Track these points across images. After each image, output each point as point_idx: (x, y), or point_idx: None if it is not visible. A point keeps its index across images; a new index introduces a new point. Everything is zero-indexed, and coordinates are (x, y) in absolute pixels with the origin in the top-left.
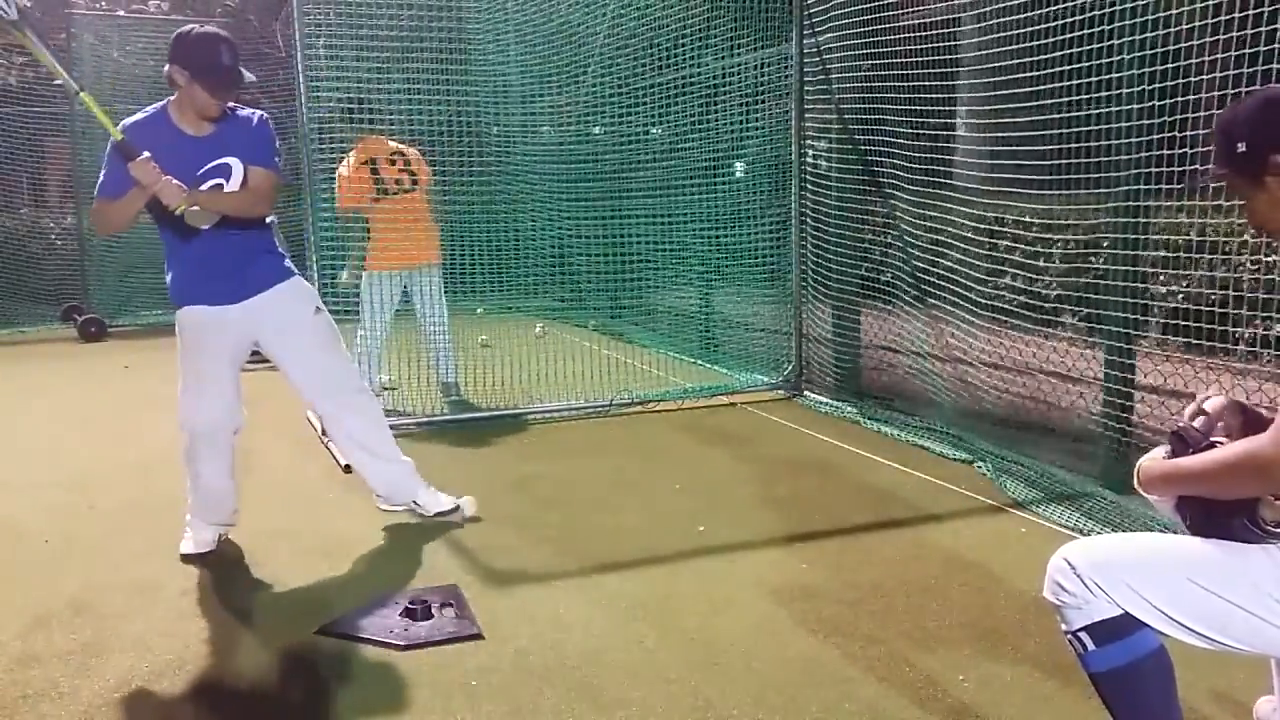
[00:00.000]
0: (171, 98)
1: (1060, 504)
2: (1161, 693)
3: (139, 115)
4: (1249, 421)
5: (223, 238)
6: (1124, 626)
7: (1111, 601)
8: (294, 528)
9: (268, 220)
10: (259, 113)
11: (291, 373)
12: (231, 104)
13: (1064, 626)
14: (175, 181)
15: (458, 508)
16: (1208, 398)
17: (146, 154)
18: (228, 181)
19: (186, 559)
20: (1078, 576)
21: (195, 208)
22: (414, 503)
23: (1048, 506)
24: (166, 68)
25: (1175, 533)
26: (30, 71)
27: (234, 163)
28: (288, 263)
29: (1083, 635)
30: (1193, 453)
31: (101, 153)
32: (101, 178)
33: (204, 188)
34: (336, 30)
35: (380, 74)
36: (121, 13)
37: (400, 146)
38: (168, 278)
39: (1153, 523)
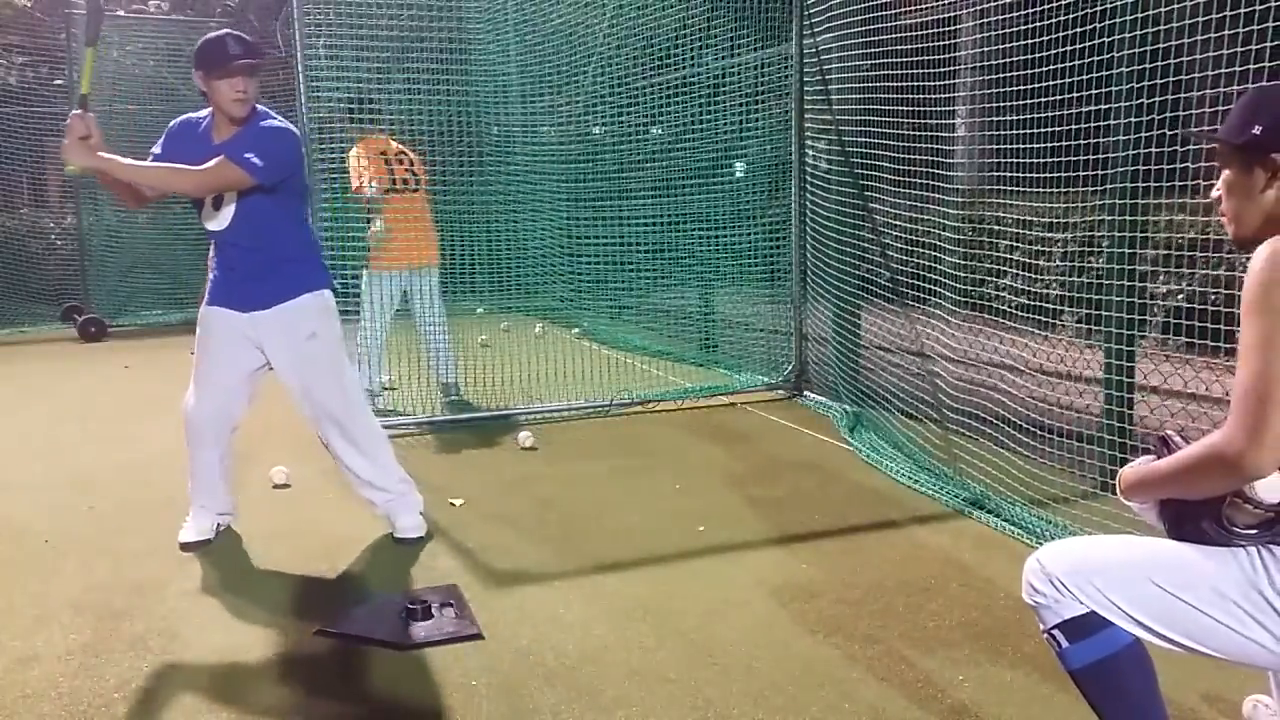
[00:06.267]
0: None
1: (1059, 505)
2: (1140, 685)
3: (194, 114)
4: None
5: (238, 247)
6: (1094, 623)
7: (1077, 600)
8: (294, 528)
9: (307, 237)
10: (278, 123)
11: (292, 396)
12: (268, 113)
13: (1040, 625)
14: (74, 141)
15: (422, 539)
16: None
17: (78, 111)
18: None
19: (185, 547)
20: (1046, 576)
21: (71, 166)
22: (388, 518)
23: (1046, 507)
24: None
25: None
26: (30, 71)
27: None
28: (312, 275)
29: (1056, 633)
30: None
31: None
32: None
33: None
34: (336, 30)
35: (380, 74)
36: (121, 13)
37: (402, 147)
38: None
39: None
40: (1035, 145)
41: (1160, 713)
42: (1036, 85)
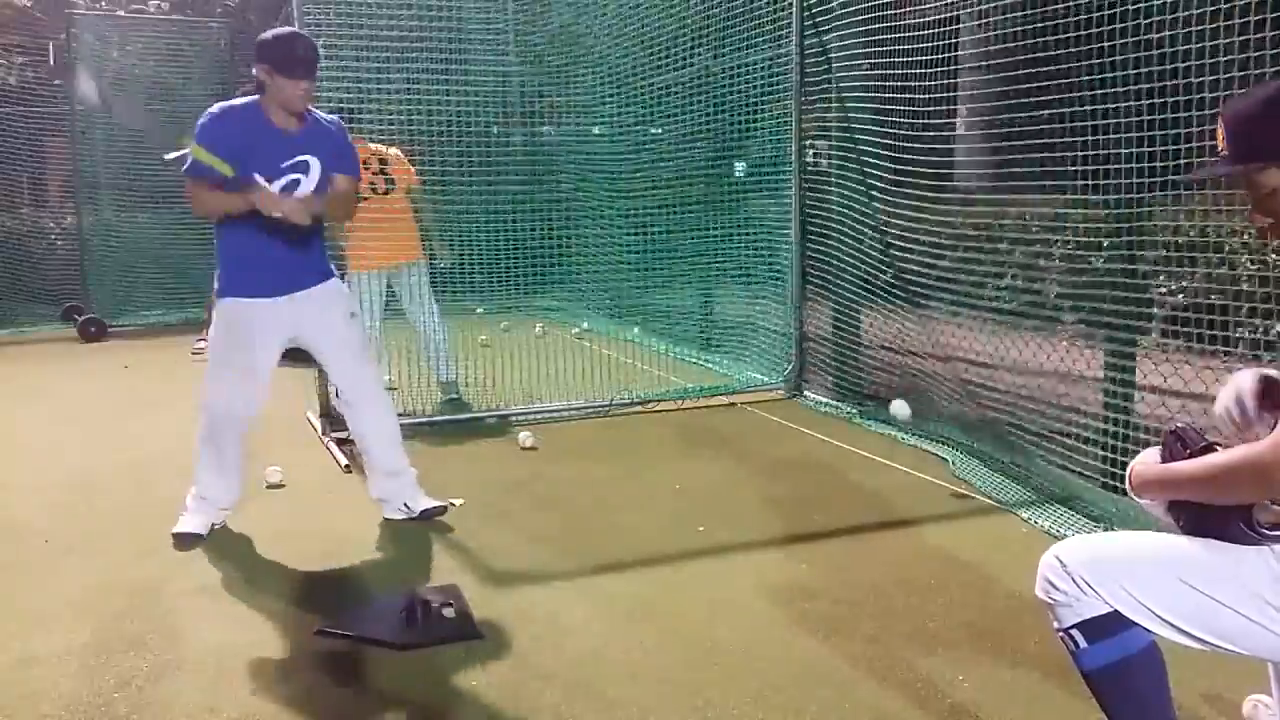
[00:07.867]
0: (256, 96)
1: (1059, 504)
2: (1154, 689)
3: (233, 101)
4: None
5: (278, 232)
6: (1115, 623)
7: (1102, 599)
8: (294, 528)
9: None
10: (338, 120)
11: (326, 368)
12: (313, 109)
13: (1055, 624)
14: (293, 199)
15: (445, 507)
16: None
17: (263, 185)
18: (305, 177)
19: (180, 539)
20: (1068, 574)
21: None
22: (404, 505)
23: (1047, 507)
24: (254, 70)
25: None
26: (30, 72)
27: (313, 162)
28: (330, 263)
29: (1074, 633)
30: (1189, 455)
31: (101, 154)
32: (190, 159)
33: (282, 181)
34: (336, 30)
35: (380, 74)
36: (121, 13)
37: (378, 149)
38: (219, 271)
39: (1150, 522)
40: (1034, 143)
41: (1171, 715)
42: (1036, 84)
